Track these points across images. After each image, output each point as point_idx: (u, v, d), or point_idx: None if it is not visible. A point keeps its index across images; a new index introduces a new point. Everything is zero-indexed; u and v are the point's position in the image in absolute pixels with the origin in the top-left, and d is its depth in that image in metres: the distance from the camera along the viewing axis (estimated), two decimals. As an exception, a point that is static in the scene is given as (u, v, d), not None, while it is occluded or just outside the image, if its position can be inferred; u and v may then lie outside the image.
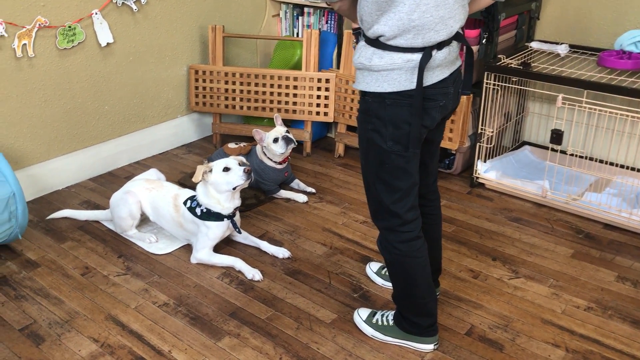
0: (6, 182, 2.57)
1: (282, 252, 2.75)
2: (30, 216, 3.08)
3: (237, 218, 2.75)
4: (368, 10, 1.79)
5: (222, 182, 2.59)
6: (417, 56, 1.80)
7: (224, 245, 2.83)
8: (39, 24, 3.02)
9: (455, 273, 2.66)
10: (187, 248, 2.82)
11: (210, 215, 2.64)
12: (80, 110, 3.36)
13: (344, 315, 2.39)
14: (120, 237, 2.91)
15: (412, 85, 1.82)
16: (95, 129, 3.48)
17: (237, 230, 2.73)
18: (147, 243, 2.84)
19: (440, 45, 1.83)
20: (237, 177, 2.58)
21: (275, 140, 3.12)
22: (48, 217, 3.04)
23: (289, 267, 2.69)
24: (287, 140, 3.12)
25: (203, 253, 2.68)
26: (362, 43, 1.90)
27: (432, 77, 1.86)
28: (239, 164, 2.62)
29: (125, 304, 2.44)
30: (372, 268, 2.64)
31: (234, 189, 2.60)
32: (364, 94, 1.91)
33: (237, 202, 2.69)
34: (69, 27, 3.15)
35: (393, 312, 2.27)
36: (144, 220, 2.94)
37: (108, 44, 3.36)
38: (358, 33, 1.97)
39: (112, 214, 2.87)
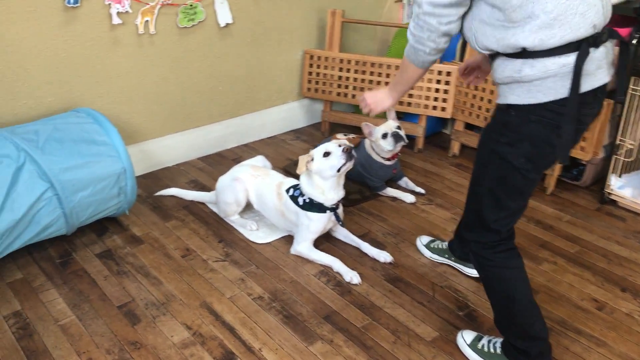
0: (118, 158, 2.60)
1: (383, 256, 2.60)
2: (140, 191, 3.14)
3: (340, 211, 2.62)
4: (494, 38, 1.65)
5: (325, 167, 2.48)
6: (572, 58, 1.59)
7: (324, 241, 2.72)
8: (162, 2, 3.03)
9: (576, 301, 2.38)
10: (287, 239, 2.74)
11: (312, 206, 2.54)
12: (195, 89, 3.37)
13: (447, 334, 2.20)
14: (223, 221, 2.89)
15: (568, 92, 1.62)
16: (208, 110, 3.48)
17: (339, 222, 2.60)
18: (247, 230, 2.79)
19: (596, 42, 1.61)
20: (337, 157, 2.45)
21: (384, 135, 2.94)
22: (156, 194, 3.08)
23: (390, 273, 2.53)
24: (396, 137, 2.93)
25: (303, 246, 2.59)
26: (502, 58, 1.69)
27: (592, 81, 1.65)
28: (339, 146, 2.49)
29: (220, 292, 2.40)
30: (422, 241, 2.64)
31: (338, 171, 2.48)
32: (508, 106, 1.71)
33: (341, 193, 2.57)
34: (191, 5, 3.14)
35: (502, 339, 2.05)
36: (246, 206, 2.89)
37: (227, 24, 3.32)
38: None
39: (218, 197, 2.85)
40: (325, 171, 2.49)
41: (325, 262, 2.55)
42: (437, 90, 3.48)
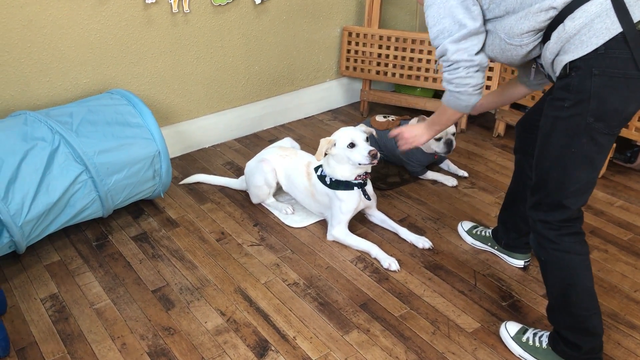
0: (153, 140, 2.57)
1: (422, 242, 2.50)
2: (176, 172, 3.11)
3: (369, 189, 2.54)
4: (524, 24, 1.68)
5: (344, 156, 2.40)
6: None
7: (361, 226, 2.64)
8: (197, -21, 2.96)
9: (628, 292, 2.24)
10: (323, 224, 2.67)
11: (339, 184, 2.47)
12: (230, 69, 3.30)
13: (489, 325, 2.10)
14: (258, 204, 2.83)
15: (620, 27, 1.55)
16: (244, 90, 3.42)
17: (366, 197, 2.51)
18: (283, 214, 2.74)
19: None
20: (362, 157, 2.36)
21: (438, 138, 2.80)
22: (181, 182, 3.02)
23: (430, 260, 2.44)
24: (449, 145, 2.78)
25: (339, 230, 2.51)
26: (545, 45, 1.69)
27: (638, 10, 1.55)
28: (367, 139, 2.39)
29: (255, 277, 2.36)
30: (464, 227, 2.55)
31: (359, 164, 2.40)
32: (568, 68, 1.64)
33: (367, 168, 2.48)
34: (225, -18, 3.06)
35: (548, 332, 1.94)
36: (281, 190, 2.83)
37: (262, 1, 3.23)
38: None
39: (248, 183, 2.79)
40: (343, 159, 2.42)
41: (362, 247, 2.47)
42: (481, 68, 3.32)
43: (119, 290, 2.30)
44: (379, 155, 2.37)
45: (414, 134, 2.18)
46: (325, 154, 2.46)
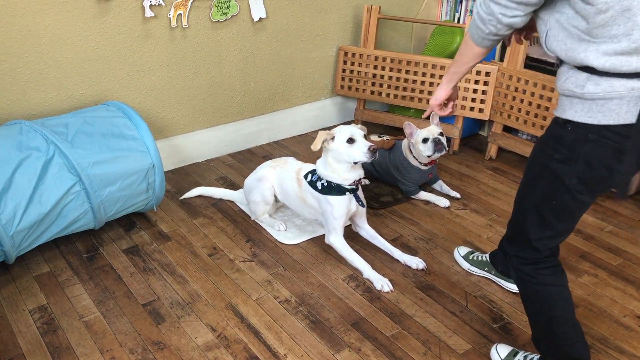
0: (148, 153, 2.57)
1: (415, 262, 2.51)
2: (168, 186, 3.10)
3: (360, 193, 2.54)
4: (564, 46, 1.53)
5: (344, 153, 2.39)
6: None
7: (354, 244, 2.64)
8: (196, -5, 2.98)
9: (617, 317, 2.26)
10: (315, 241, 2.67)
11: (331, 189, 2.46)
12: (226, 84, 3.32)
13: (480, 347, 2.10)
14: (251, 220, 2.83)
15: (633, 118, 1.48)
16: (240, 105, 3.43)
17: (360, 203, 2.51)
18: (275, 230, 2.73)
19: None
20: (361, 153, 2.36)
21: (425, 140, 2.84)
22: (182, 197, 3.00)
23: (422, 281, 2.44)
24: (437, 144, 2.82)
25: (336, 239, 2.51)
26: (567, 66, 1.57)
27: None
28: (364, 136, 2.40)
29: (247, 293, 2.35)
30: (460, 252, 2.54)
31: (355, 163, 2.40)
32: (565, 121, 1.59)
33: (360, 172, 2.49)
34: (224, -1, 3.09)
35: (539, 356, 1.95)
36: (275, 207, 2.83)
37: (260, 19, 3.26)
38: None
39: (246, 198, 2.80)
40: (341, 155, 2.40)
41: (356, 264, 2.47)
42: (475, 91, 3.36)
43: (108, 303, 2.28)
44: (377, 153, 2.38)
45: (435, 94, 2.00)
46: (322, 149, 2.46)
